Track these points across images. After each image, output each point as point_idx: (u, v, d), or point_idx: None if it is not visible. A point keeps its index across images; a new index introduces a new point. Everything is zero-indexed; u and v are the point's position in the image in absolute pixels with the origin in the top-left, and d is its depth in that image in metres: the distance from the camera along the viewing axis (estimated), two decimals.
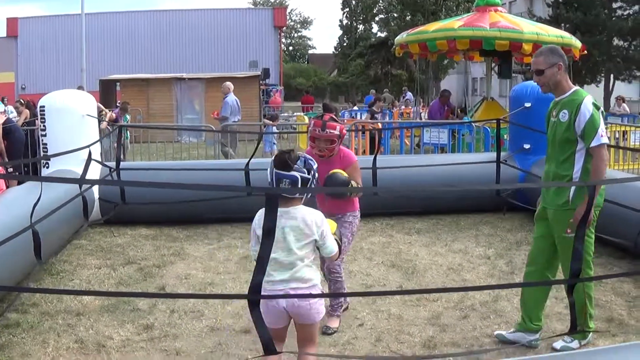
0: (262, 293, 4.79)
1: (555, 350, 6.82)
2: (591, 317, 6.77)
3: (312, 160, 5.39)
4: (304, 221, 5.24)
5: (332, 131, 7.04)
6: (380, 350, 6.84)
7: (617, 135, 21.51)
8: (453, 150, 19.18)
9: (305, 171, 5.24)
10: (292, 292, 5.22)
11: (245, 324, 7.32)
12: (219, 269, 9.49)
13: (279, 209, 4.84)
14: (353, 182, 7.13)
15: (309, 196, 5.41)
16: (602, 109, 6.56)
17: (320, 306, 5.41)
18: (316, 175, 5.39)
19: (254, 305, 3.99)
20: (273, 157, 5.45)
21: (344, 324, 7.42)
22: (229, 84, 21.94)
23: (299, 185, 5.19)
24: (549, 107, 6.91)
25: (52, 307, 7.86)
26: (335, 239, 5.47)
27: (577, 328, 6.49)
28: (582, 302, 6.60)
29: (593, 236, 6.66)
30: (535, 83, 6.87)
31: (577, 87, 6.66)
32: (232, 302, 7.99)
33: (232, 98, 21.40)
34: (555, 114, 6.62)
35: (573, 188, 6.43)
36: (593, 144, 6.31)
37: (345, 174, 7.02)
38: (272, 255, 4.90)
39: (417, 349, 6.84)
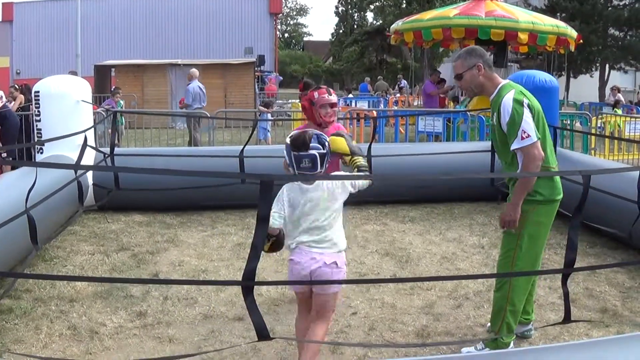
0: (292, 255, 5.59)
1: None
2: (510, 329, 6.36)
3: (323, 135, 5.65)
4: (329, 190, 5.55)
5: (334, 96, 7.28)
6: (374, 339, 6.84)
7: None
8: (448, 139, 19.16)
9: (320, 147, 5.48)
10: (318, 256, 5.46)
11: (239, 312, 7.32)
12: (212, 256, 9.48)
13: (304, 186, 5.47)
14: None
15: (326, 166, 5.58)
16: (528, 102, 6.03)
17: (342, 277, 5.64)
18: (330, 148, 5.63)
19: (247, 292, 3.97)
20: (289, 140, 5.59)
21: (337, 312, 7.41)
22: (194, 70, 21.97)
23: (318, 161, 5.44)
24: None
25: (45, 293, 7.85)
26: (360, 164, 5.92)
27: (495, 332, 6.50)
28: (502, 307, 6.38)
29: (537, 237, 6.29)
30: (459, 87, 6.63)
31: (503, 83, 6.28)
32: (225, 289, 7.98)
33: (195, 85, 21.45)
34: (491, 117, 6.29)
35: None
36: (514, 146, 5.97)
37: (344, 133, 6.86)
38: (300, 221, 5.51)
39: (410, 338, 6.85)
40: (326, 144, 5.54)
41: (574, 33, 24.15)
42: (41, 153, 11.63)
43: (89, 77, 18.86)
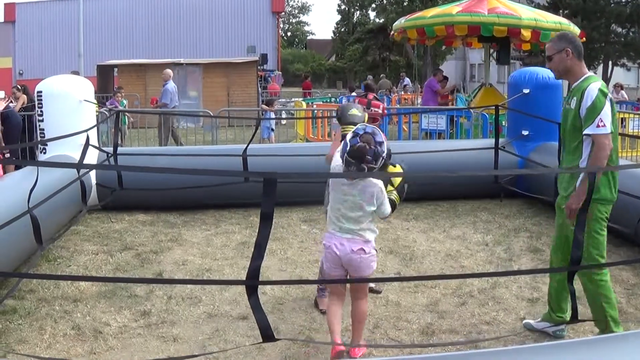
0: (326, 239, 6.10)
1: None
2: (615, 321, 6.44)
3: (381, 148, 5.70)
4: (363, 191, 5.89)
5: (376, 109, 7.33)
6: (379, 337, 6.83)
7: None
8: (451, 137, 19.15)
9: (373, 161, 5.68)
10: (346, 242, 5.96)
11: (243, 311, 7.31)
12: (216, 255, 9.46)
13: (348, 181, 5.72)
14: None
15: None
16: (611, 98, 6.32)
17: (371, 262, 6.10)
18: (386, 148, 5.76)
19: (251, 291, 3.96)
20: (348, 141, 5.72)
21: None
22: (169, 71, 21.89)
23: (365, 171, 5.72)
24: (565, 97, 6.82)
25: (49, 293, 7.84)
26: (393, 198, 6.21)
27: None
28: (599, 304, 6.45)
29: (603, 234, 6.39)
30: (548, 69, 6.80)
31: (590, 74, 6.49)
32: (229, 288, 7.97)
33: (172, 85, 21.53)
34: (567, 102, 6.53)
35: (580, 177, 6.29)
36: (587, 131, 6.16)
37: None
38: (340, 207, 5.97)
39: (415, 336, 6.84)
40: (380, 160, 5.70)
41: (576, 30, 24.10)
42: (44, 153, 11.63)
43: (92, 77, 18.87)
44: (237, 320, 7.15)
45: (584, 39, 25.83)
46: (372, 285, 7.62)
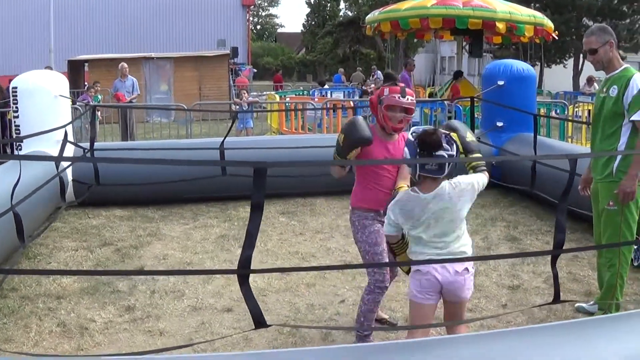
0: (418, 266, 5.14)
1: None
2: (618, 305, 6.82)
3: (450, 134, 5.13)
4: (450, 197, 5.06)
5: (411, 98, 6.06)
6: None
7: (587, 114, 21.73)
8: None
9: (449, 147, 5.00)
10: (447, 265, 5.05)
11: (227, 303, 7.36)
12: (196, 249, 9.48)
13: (425, 195, 5.01)
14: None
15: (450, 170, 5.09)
16: None
17: (472, 283, 5.31)
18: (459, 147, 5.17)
19: (243, 280, 3.97)
20: (413, 138, 5.06)
21: (325, 300, 7.47)
22: (125, 65, 21.79)
23: (446, 164, 4.97)
24: (600, 85, 7.10)
25: (31, 291, 7.82)
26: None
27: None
28: (613, 284, 6.74)
29: (636, 215, 6.68)
30: (590, 62, 6.95)
31: (627, 65, 6.78)
32: (212, 282, 8.00)
33: (133, 79, 21.68)
34: (605, 90, 6.77)
35: (618, 159, 6.60)
36: (635, 117, 6.45)
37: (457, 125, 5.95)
38: (425, 235, 5.08)
39: (400, 323, 6.95)
40: (454, 145, 5.06)
41: (550, 23, 24.32)
42: (20, 150, 11.55)
43: (63, 73, 18.72)
44: (222, 313, 7.18)
45: (557, 32, 26.05)
46: (385, 316, 7.01)
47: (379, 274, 6.19)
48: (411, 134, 5.15)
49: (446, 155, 4.95)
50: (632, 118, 6.48)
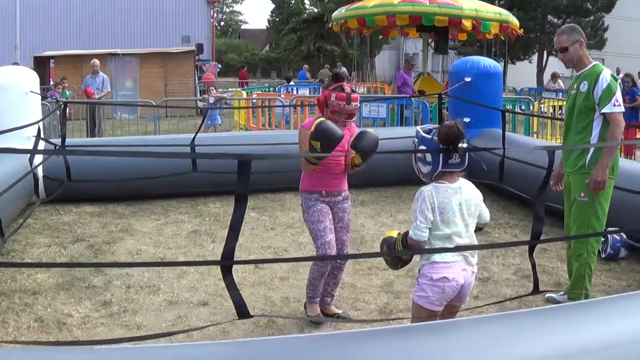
0: (443, 271, 4.88)
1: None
2: (587, 294, 6.94)
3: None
4: (473, 192, 5.10)
5: (356, 104, 6.55)
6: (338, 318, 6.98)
7: (552, 110, 22.00)
8: (391, 125, 19.35)
9: (465, 139, 4.92)
10: (467, 267, 4.97)
11: (202, 297, 7.44)
12: (169, 244, 9.55)
13: (452, 185, 4.96)
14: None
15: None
16: (619, 81, 6.92)
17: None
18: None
19: (227, 271, 4.05)
20: (439, 135, 4.93)
21: (299, 293, 7.54)
22: (97, 61, 21.77)
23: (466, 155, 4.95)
24: (570, 83, 7.36)
25: (7, 287, 7.84)
26: None
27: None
28: (582, 274, 6.94)
29: (606, 206, 6.90)
30: (560, 60, 7.20)
31: (596, 62, 7.10)
32: (187, 276, 8.08)
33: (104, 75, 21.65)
34: (575, 87, 7.03)
35: (590, 152, 6.82)
36: (606, 110, 6.71)
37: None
38: (451, 230, 4.94)
39: (373, 315, 7.04)
40: (466, 136, 4.98)
41: (516, 20, 24.58)
42: None
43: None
44: (198, 307, 7.26)
45: (521, 30, 26.29)
46: (338, 311, 7.09)
47: (322, 248, 6.63)
48: (431, 130, 5.09)
49: (465, 146, 4.92)
50: (602, 111, 6.72)
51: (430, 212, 4.93)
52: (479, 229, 5.25)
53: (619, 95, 6.78)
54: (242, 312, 4.09)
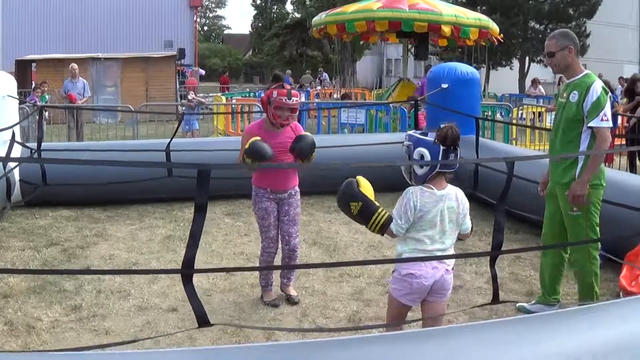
0: (409, 268, 5.19)
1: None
2: (597, 296, 7.01)
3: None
4: (457, 199, 5.28)
5: (296, 99, 7.18)
6: (307, 325, 7.02)
7: (532, 117, 22.10)
8: (370, 131, 19.40)
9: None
10: (439, 265, 5.19)
11: (172, 303, 7.44)
12: (142, 249, 9.54)
13: (438, 191, 5.14)
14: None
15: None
16: (610, 94, 6.90)
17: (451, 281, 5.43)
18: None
19: (187, 279, 4.08)
20: (438, 135, 5.14)
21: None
22: (76, 65, 21.71)
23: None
24: (559, 90, 7.37)
25: None
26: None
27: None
28: (590, 284, 6.99)
29: (597, 216, 6.89)
30: (548, 64, 7.12)
31: (587, 71, 6.96)
32: (158, 282, 8.08)
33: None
34: (565, 95, 6.92)
35: (579, 166, 6.78)
36: (593, 124, 6.61)
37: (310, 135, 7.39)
38: (425, 234, 5.18)
39: (342, 323, 7.04)
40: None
41: (495, 26, 24.67)
42: None
43: (10, 73, 18.59)
44: (167, 312, 7.26)
45: (502, 36, 26.39)
46: (293, 293, 7.71)
47: (265, 241, 7.55)
48: (430, 132, 5.27)
49: (458, 149, 5.18)
50: (589, 124, 6.66)
51: (412, 212, 5.15)
52: (459, 239, 5.44)
53: (607, 109, 6.66)
54: (203, 321, 4.13)
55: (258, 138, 7.02)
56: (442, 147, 5.11)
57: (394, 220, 5.21)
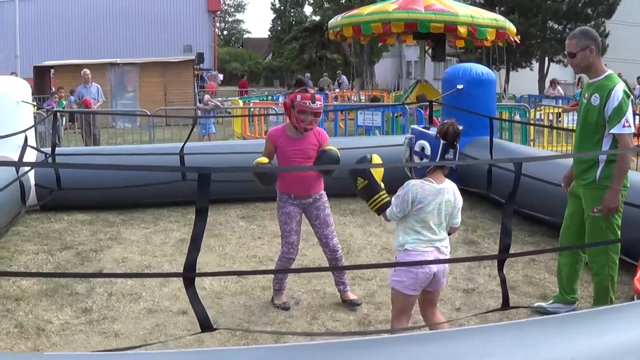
0: (411, 255, 5.40)
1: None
2: (612, 302, 6.91)
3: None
4: (454, 194, 5.50)
5: (320, 103, 7.15)
6: (316, 328, 6.97)
7: (551, 117, 21.98)
8: (387, 133, 19.36)
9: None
10: (440, 256, 5.42)
11: (182, 306, 7.40)
12: (155, 252, 9.55)
13: (437, 185, 5.33)
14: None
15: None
16: (632, 97, 6.78)
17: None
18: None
19: (189, 283, 4.07)
20: (440, 131, 5.34)
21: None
22: (88, 71, 21.73)
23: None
24: (582, 89, 7.23)
25: None
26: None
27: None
28: (606, 287, 6.89)
29: (619, 219, 6.79)
30: (569, 65, 7.01)
31: (610, 71, 6.80)
32: (169, 284, 8.07)
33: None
34: (587, 96, 6.80)
35: (600, 167, 6.68)
36: (614, 130, 6.51)
37: (335, 149, 7.35)
38: (424, 224, 5.39)
39: (352, 327, 6.99)
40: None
41: (512, 27, 24.58)
42: None
43: (29, 79, 18.69)
44: (177, 315, 7.25)
45: (519, 37, 26.30)
46: (354, 297, 7.64)
47: (286, 246, 7.52)
48: (432, 128, 5.47)
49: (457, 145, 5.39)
50: (611, 131, 6.54)
51: (409, 204, 5.36)
52: (448, 233, 5.62)
53: (629, 115, 6.53)
54: (205, 325, 4.11)
55: (265, 160, 7.19)
56: (442, 142, 5.27)
57: (391, 207, 5.48)
